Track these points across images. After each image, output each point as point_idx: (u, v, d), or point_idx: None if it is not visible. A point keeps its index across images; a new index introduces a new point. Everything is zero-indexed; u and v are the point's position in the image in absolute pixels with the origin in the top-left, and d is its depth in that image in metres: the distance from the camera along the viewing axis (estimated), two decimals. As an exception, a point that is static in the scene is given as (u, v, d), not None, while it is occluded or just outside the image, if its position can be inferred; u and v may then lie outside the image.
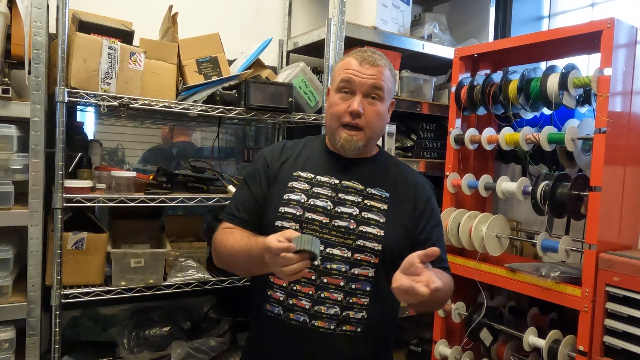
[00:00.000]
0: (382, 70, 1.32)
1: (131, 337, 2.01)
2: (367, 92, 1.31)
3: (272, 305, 1.33)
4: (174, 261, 1.93)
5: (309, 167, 1.40)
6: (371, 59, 1.32)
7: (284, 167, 1.41)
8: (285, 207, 1.34)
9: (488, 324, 2.05)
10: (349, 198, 1.35)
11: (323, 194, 1.35)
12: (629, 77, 1.76)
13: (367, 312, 1.31)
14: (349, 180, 1.37)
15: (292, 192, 1.35)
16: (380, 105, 1.33)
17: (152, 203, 1.80)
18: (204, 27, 2.10)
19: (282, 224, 1.32)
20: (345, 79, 1.32)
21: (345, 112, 1.31)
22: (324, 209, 1.33)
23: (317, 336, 1.29)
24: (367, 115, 1.31)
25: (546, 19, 2.73)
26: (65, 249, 1.69)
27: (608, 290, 1.66)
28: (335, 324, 1.29)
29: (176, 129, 2.42)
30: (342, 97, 1.33)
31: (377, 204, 1.35)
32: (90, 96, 1.67)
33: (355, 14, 2.29)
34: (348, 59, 1.35)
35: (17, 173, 1.65)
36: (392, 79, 1.38)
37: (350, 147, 1.33)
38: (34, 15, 1.61)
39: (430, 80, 2.51)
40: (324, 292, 1.29)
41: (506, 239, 2.05)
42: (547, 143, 1.86)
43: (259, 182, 1.40)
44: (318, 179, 1.37)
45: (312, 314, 1.29)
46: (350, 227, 1.31)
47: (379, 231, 1.32)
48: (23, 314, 1.64)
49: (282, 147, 1.46)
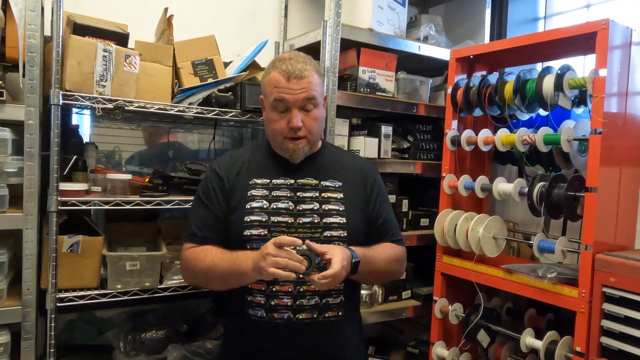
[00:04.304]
0: (310, 79, 1.38)
1: (127, 341, 2.00)
2: (301, 106, 1.39)
3: (255, 310, 1.39)
4: (170, 264, 1.92)
5: (262, 172, 1.46)
6: (297, 73, 1.36)
7: (238, 178, 1.46)
8: (250, 216, 1.40)
9: (485, 325, 2.05)
10: (308, 195, 1.44)
11: (282, 195, 1.43)
12: (624, 78, 1.77)
13: (344, 295, 1.44)
14: (303, 177, 1.45)
15: (253, 200, 1.41)
16: (316, 111, 1.41)
17: (148, 206, 1.79)
18: (200, 29, 2.10)
19: (250, 233, 1.39)
20: (277, 99, 1.38)
21: (286, 128, 1.39)
22: (287, 209, 1.41)
23: (303, 327, 1.39)
24: (307, 125, 1.40)
25: (542, 20, 2.74)
26: (61, 252, 1.69)
27: (605, 291, 1.66)
28: (318, 312, 1.40)
29: (172, 131, 2.42)
30: (278, 113, 1.40)
31: (334, 195, 1.46)
32: (85, 99, 1.66)
33: (351, 16, 2.29)
34: (274, 74, 1.39)
35: (11, 176, 1.64)
36: (321, 80, 1.44)
37: (298, 155, 1.43)
38: (28, 17, 1.61)
39: (426, 82, 2.51)
40: (302, 286, 1.39)
41: (503, 240, 2.05)
42: (543, 144, 1.86)
43: (216, 199, 1.44)
44: (274, 182, 1.44)
45: (294, 308, 1.38)
46: (315, 221, 1.41)
47: (341, 219, 1.43)
48: (18, 318, 1.63)
49: (232, 158, 1.51)
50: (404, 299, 2.42)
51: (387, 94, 2.34)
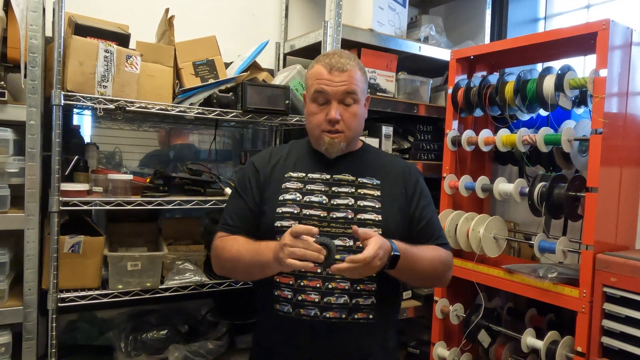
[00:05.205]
0: (352, 74, 1.36)
1: (128, 341, 2.00)
2: (341, 99, 1.36)
3: (282, 305, 1.35)
4: (171, 264, 1.92)
5: (299, 167, 1.44)
6: (339, 65, 1.35)
7: (275, 170, 1.45)
8: (282, 207, 1.38)
9: (486, 325, 2.05)
10: (343, 190, 1.40)
11: (317, 189, 1.40)
12: (624, 78, 1.77)
13: (375, 297, 1.36)
14: (340, 173, 1.42)
15: (286, 193, 1.39)
16: (356, 107, 1.38)
17: (149, 206, 1.79)
18: (201, 29, 2.10)
19: (281, 224, 1.36)
20: (318, 90, 1.36)
21: (324, 121, 1.37)
22: (320, 203, 1.38)
23: (330, 327, 1.33)
24: (345, 119, 1.37)
25: (542, 21, 2.74)
26: (62, 253, 1.69)
27: (605, 291, 1.66)
28: (347, 312, 1.33)
29: (173, 131, 2.42)
30: (318, 106, 1.38)
31: (371, 192, 1.40)
32: (87, 99, 1.66)
33: (351, 17, 2.29)
34: (317, 67, 1.39)
35: (13, 176, 1.64)
36: (364, 77, 1.41)
37: (334, 150, 1.40)
38: (30, 18, 1.61)
39: (427, 82, 2.52)
40: (331, 282, 1.33)
41: (503, 240, 2.05)
42: (544, 144, 1.87)
43: (251, 191, 1.44)
44: (310, 177, 1.42)
45: (322, 306, 1.32)
46: (349, 216, 1.36)
47: (377, 216, 1.36)
48: (19, 318, 1.63)
49: (270, 152, 1.51)
50: (404, 299, 2.41)
51: (387, 95, 2.35)
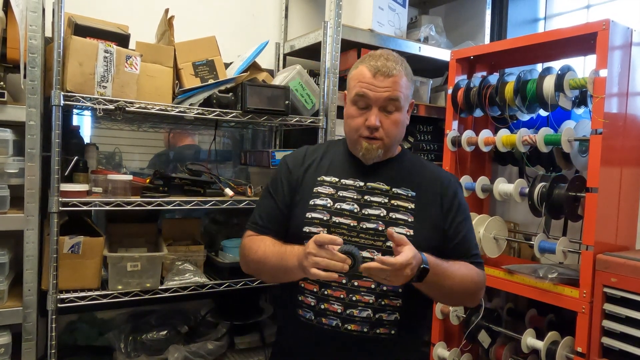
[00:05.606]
0: (397, 79, 1.29)
1: (128, 342, 2.00)
2: (383, 105, 1.30)
3: (304, 311, 1.32)
4: (171, 265, 1.92)
5: (332, 171, 1.39)
6: (385, 69, 1.28)
7: (307, 173, 1.40)
8: (312, 213, 1.33)
9: (486, 325, 2.05)
10: (375, 199, 1.34)
11: (349, 197, 1.34)
12: (624, 79, 1.77)
13: (400, 313, 1.30)
14: (374, 181, 1.36)
15: (317, 197, 1.35)
16: (398, 114, 1.32)
17: (149, 206, 1.79)
18: (201, 30, 2.11)
19: (309, 230, 1.32)
20: (359, 93, 1.30)
21: (362, 126, 1.31)
22: (351, 212, 1.32)
23: (351, 340, 1.29)
24: (385, 126, 1.31)
25: (542, 21, 2.74)
26: (62, 253, 1.69)
27: (606, 292, 1.66)
28: (369, 326, 1.28)
29: (173, 132, 2.42)
30: (358, 109, 1.32)
31: (404, 204, 1.34)
32: (86, 100, 1.66)
33: (351, 17, 2.29)
34: (362, 68, 1.32)
35: (12, 177, 1.64)
36: (409, 84, 1.35)
37: (371, 156, 1.34)
38: (29, 18, 1.61)
39: (426, 83, 2.52)
40: (355, 295, 1.28)
41: (504, 241, 2.05)
42: (544, 144, 1.86)
43: (282, 191, 1.40)
44: (343, 182, 1.37)
45: (344, 317, 1.29)
46: (379, 228, 1.30)
47: (408, 231, 1.30)
48: (19, 319, 1.63)
49: (305, 153, 1.46)
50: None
51: (387, 95, 2.34)
